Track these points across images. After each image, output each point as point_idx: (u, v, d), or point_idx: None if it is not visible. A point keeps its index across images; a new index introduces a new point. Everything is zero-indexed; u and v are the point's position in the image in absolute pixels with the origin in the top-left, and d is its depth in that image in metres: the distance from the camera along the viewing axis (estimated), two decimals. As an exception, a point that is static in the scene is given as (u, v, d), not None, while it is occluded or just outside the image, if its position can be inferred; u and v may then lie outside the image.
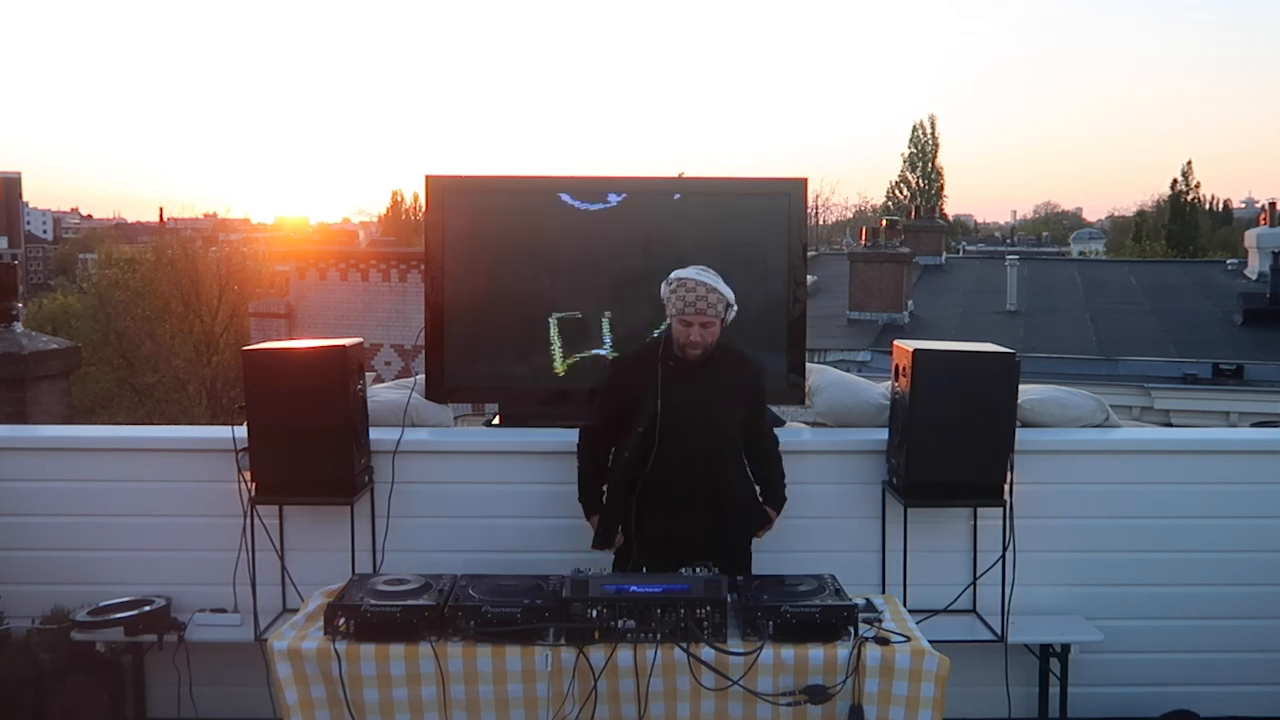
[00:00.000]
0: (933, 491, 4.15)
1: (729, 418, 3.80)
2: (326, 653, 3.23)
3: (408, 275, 18.06)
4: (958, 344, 4.40)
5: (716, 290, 3.70)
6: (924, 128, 59.97)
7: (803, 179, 4.73)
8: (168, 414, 26.15)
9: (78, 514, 4.42)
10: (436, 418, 4.72)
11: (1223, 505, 4.48)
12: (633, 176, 4.82)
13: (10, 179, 67.92)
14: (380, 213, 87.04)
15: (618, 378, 3.94)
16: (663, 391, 3.68)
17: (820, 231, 52.60)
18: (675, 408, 3.69)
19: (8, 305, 6.63)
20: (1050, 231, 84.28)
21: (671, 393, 3.69)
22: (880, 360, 14.86)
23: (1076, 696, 4.38)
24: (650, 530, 3.78)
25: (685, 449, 3.71)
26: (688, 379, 3.74)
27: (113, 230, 77.17)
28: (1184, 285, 20.24)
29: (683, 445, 3.71)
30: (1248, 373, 14.66)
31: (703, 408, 3.73)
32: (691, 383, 3.74)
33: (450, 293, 4.69)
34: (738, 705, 3.24)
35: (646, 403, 3.71)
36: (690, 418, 3.71)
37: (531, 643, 3.24)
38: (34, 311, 31.06)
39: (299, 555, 4.34)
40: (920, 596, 4.34)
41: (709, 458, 3.76)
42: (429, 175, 4.69)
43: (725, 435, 3.80)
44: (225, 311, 29.23)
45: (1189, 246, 51.98)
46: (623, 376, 3.91)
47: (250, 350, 4.14)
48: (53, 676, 4.07)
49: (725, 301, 3.72)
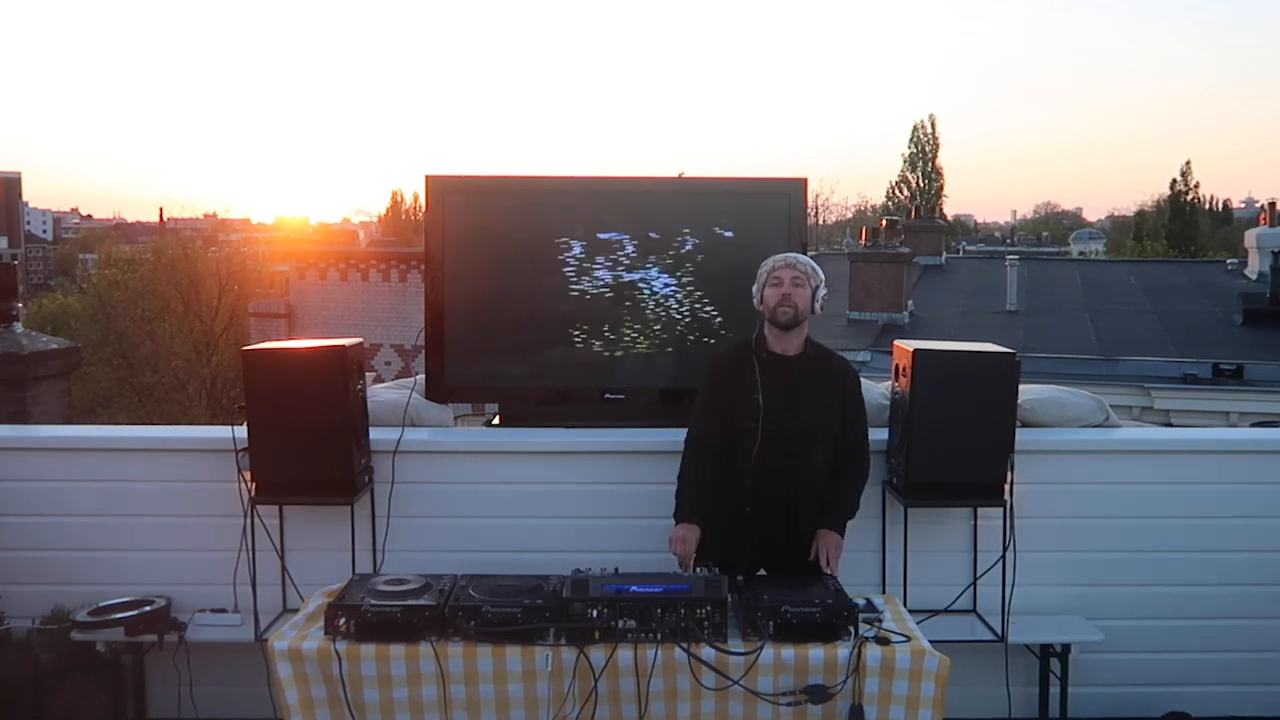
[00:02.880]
0: (933, 491, 4.15)
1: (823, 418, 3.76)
2: (327, 653, 3.23)
3: (408, 275, 18.05)
4: (958, 344, 4.40)
5: (799, 256, 3.81)
6: (924, 128, 60.05)
7: (803, 179, 4.74)
8: (168, 414, 26.16)
9: (78, 514, 4.42)
10: (436, 418, 4.72)
11: (1223, 505, 4.48)
12: (633, 176, 4.83)
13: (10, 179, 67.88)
14: (380, 213, 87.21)
15: (716, 375, 3.84)
16: (762, 385, 3.68)
17: (820, 231, 52.63)
18: (772, 402, 3.68)
19: (8, 305, 6.63)
20: (1050, 231, 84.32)
21: (772, 388, 3.70)
22: (880, 360, 14.84)
23: (1076, 696, 4.37)
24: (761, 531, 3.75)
25: (780, 446, 3.69)
26: (788, 374, 3.74)
27: (113, 230, 77.22)
28: (1184, 285, 20.24)
29: (778, 442, 3.69)
30: (1248, 373, 14.67)
31: (795, 404, 3.71)
32: (791, 378, 3.73)
33: (450, 293, 4.70)
34: (738, 705, 3.24)
35: (745, 397, 3.69)
36: (786, 413, 3.69)
37: (532, 643, 3.24)
38: (34, 311, 31.05)
39: (299, 555, 4.34)
40: (920, 596, 4.34)
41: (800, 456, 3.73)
42: (429, 175, 4.69)
43: (817, 435, 3.75)
44: (225, 311, 29.23)
45: (1189, 246, 52.00)
46: (719, 374, 3.83)
47: (250, 350, 4.14)
48: (53, 676, 4.07)
49: (814, 267, 3.78)
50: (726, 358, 3.89)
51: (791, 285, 3.74)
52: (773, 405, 3.68)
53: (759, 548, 3.75)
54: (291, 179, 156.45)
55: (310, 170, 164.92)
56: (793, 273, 3.75)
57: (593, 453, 4.44)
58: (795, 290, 3.73)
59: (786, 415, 3.69)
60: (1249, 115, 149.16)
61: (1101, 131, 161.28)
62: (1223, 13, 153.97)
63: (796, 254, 3.88)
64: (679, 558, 3.54)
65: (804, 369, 3.76)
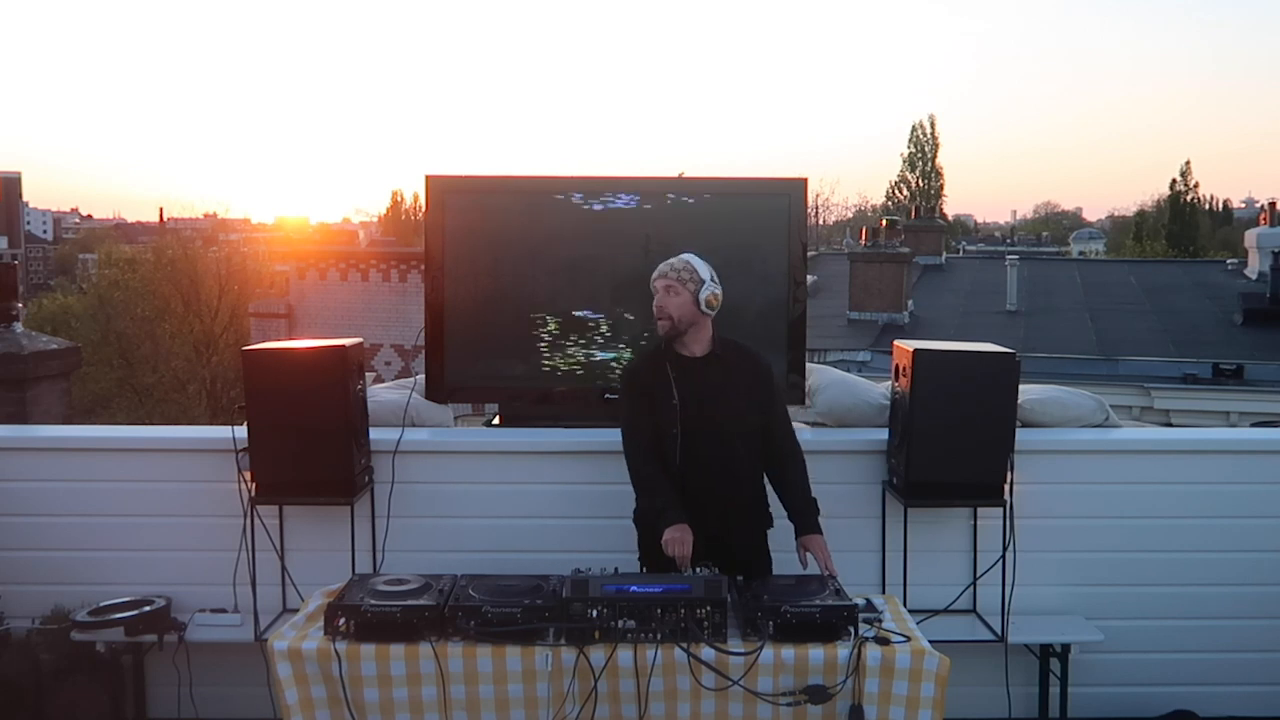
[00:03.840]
0: (933, 491, 4.15)
1: (741, 414, 3.75)
2: (327, 653, 3.23)
3: (408, 275, 18.06)
4: (958, 344, 4.40)
5: (682, 259, 3.74)
6: (924, 128, 60.08)
7: (803, 179, 4.74)
8: (167, 414, 26.18)
9: (78, 514, 4.42)
10: (436, 418, 4.72)
11: (1223, 505, 4.49)
12: (632, 176, 4.83)
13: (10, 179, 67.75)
14: (380, 213, 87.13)
15: (631, 383, 3.86)
16: (676, 388, 3.68)
17: (820, 231, 52.63)
18: (689, 404, 3.68)
19: (8, 305, 6.64)
20: (1050, 231, 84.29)
21: (687, 389, 3.69)
22: (880, 360, 14.85)
23: (1076, 696, 4.38)
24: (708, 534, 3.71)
25: (703, 446, 3.70)
26: (701, 374, 3.73)
27: (113, 230, 77.14)
28: (1184, 285, 20.24)
29: (701, 442, 3.70)
30: (1248, 373, 14.67)
31: (712, 404, 3.71)
32: (704, 378, 3.73)
33: (450, 293, 4.70)
34: (738, 705, 3.24)
35: (663, 402, 3.70)
36: (703, 414, 3.69)
37: (531, 643, 3.24)
38: (34, 311, 31.03)
39: (299, 555, 4.34)
40: (920, 596, 4.34)
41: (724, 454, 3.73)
42: (429, 175, 4.69)
43: (737, 432, 3.74)
44: (225, 311, 29.25)
45: (1189, 246, 52.01)
46: (634, 381, 3.84)
47: (250, 350, 4.14)
48: (53, 676, 4.07)
49: (689, 269, 3.70)
50: (641, 364, 3.88)
51: (664, 294, 3.71)
52: (689, 406, 3.68)
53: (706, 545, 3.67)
54: (291, 179, 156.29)
55: (310, 170, 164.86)
56: (664, 281, 3.71)
57: (592, 453, 4.44)
58: (667, 299, 3.70)
59: (704, 415, 3.69)
60: (1249, 115, 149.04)
61: (1101, 131, 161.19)
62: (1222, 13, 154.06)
63: (674, 259, 3.75)
64: (678, 559, 3.53)
65: (714, 367, 3.75)
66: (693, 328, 3.73)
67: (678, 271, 3.72)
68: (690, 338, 3.75)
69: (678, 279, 3.71)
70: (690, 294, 3.69)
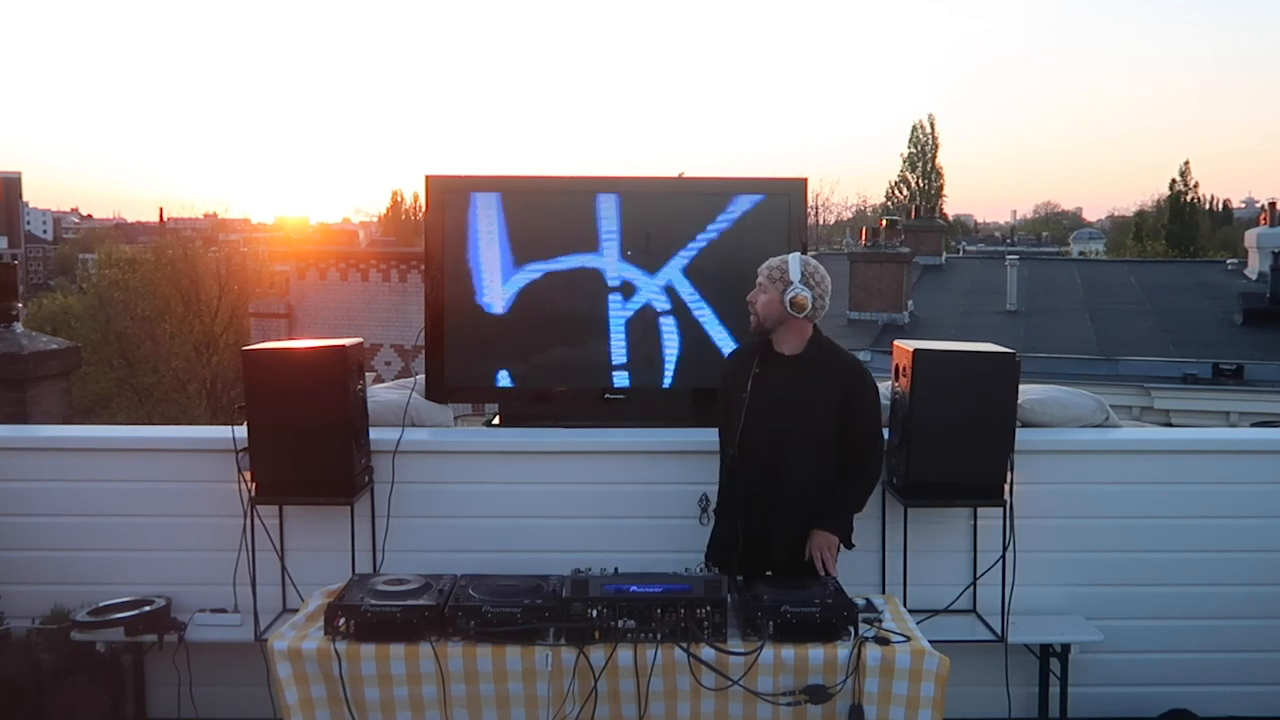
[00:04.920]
0: (933, 491, 4.15)
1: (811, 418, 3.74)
2: (327, 653, 3.23)
3: (408, 275, 18.05)
4: (958, 344, 4.39)
5: (781, 258, 3.77)
6: (924, 128, 60.10)
7: (803, 179, 4.74)
8: (168, 414, 26.17)
9: (78, 514, 4.42)
10: (436, 418, 4.72)
11: (1223, 505, 4.48)
12: (632, 176, 4.83)
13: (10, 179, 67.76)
14: (380, 213, 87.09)
15: (725, 370, 3.96)
16: (753, 380, 3.72)
17: (820, 231, 52.61)
18: (760, 397, 3.71)
19: (8, 305, 6.64)
20: (1050, 231, 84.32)
21: (760, 383, 3.73)
22: (880, 360, 14.82)
23: (1076, 696, 4.38)
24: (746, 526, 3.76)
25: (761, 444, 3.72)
26: (782, 370, 3.75)
27: (113, 230, 77.13)
28: (1184, 285, 20.24)
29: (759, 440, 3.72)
30: (1248, 373, 14.67)
31: (782, 404, 3.72)
32: (783, 375, 3.75)
33: (450, 293, 4.69)
34: (738, 705, 3.24)
35: (736, 394, 3.76)
36: (769, 412, 3.71)
37: (531, 643, 3.24)
38: (34, 311, 31.04)
39: (299, 555, 4.34)
40: (920, 596, 4.34)
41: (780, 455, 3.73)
42: (429, 175, 4.69)
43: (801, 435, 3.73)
44: (225, 311, 29.25)
45: (1189, 246, 52.00)
46: (727, 369, 3.95)
47: (250, 350, 4.14)
48: (53, 676, 4.07)
49: (781, 268, 3.73)
50: (736, 353, 3.99)
51: (756, 290, 3.79)
52: (757, 403, 3.71)
53: (746, 544, 3.73)
54: (291, 179, 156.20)
55: (310, 170, 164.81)
56: (760, 278, 3.79)
57: (593, 453, 4.45)
58: (756, 296, 3.78)
59: (769, 413, 3.71)
60: (1249, 115, 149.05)
61: (1101, 131, 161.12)
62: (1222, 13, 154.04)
63: (776, 258, 3.81)
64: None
65: (799, 368, 3.76)
66: (782, 326, 3.75)
67: (770, 269, 3.76)
68: (781, 335, 3.77)
69: (768, 277, 3.75)
70: (777, 293, 3.71)
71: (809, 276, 3.72)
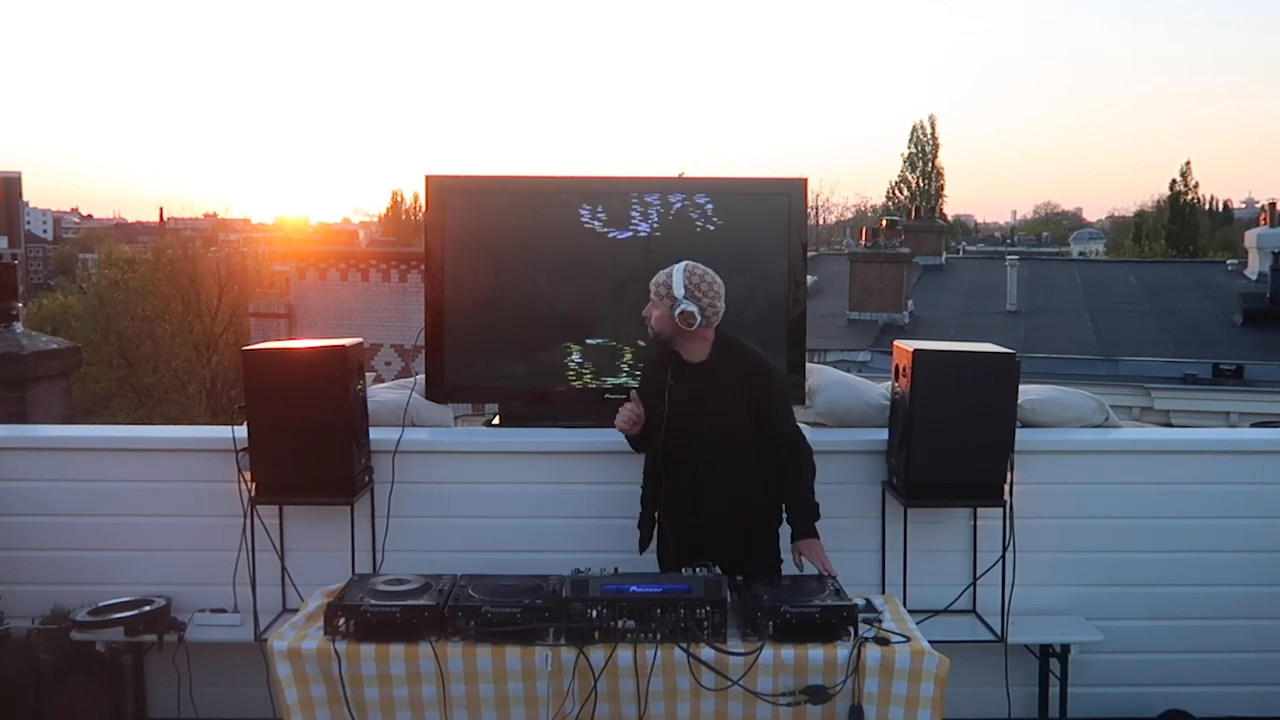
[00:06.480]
0: (933, 491, 4.15)
1: (728, 420, 3.76)
2: (326, 653, 3.23)
3: (408, 275, 18.05)
4: (958, 344, 4.40)
5: (664, 273, 3.76)
6: (924, 128, 60.03)
7: (803, 179, 4.74)
8: (168, 414, 26.17)
9: (78, 514, 4.42)
10: (436, 418, 4.72)
11: (1223, 505, 4.49)
12: (632, 176, 4.83)
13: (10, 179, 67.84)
14: (380, 213, 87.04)
15: (641, 379, 4.03)
16: (669, 393, 3.75)
17: (820, 231, 52.59)
18: (677, 408, 3.74)
19: (8, 305, 6.64)
20: (1050, 231, 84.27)
21: (676, 394, 3.75)
22: (880, 360, 14.86)
23: (1076, 696, 4.38)
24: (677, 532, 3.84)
25: (683, 450, 3.76)
26: (692, 379, 3.77)
27: (113, 230, 77.09)
28: (1184, 285, 20.24)
29: (685, 447, 3.75)
30: (1248, 373, 14.67)
31: (697, 408, 3.74)
32: (694, 382, 3.76)
33: (450, 293, 4.70)
34: (738, 705, 3.24)
35: (655, 403, 3.79)
36: (686, 417, 3.74)
37: (531, 643, 3.24)
38: (34, 311, 31.04)
39: (299, 555, 4.35)
40: (920, 596, 4.34)
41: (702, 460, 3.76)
42: (429, 175, 4.69)
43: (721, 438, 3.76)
44: (225, 311, 29.25)
45: (1189, 246, 51.99)
46: (643, 378, 4.00)
47: (250, 350, 4.14)
48: (53, 676, 4.08)
49: (665, 286, 3.72)
50: (649, 363, 3.99)
51: (650, 306, 3.80)
52: (675, 406, 3.75)
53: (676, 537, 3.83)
54: (291, 179, 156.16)
55: (310, 170, 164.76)
56: (652, 292, 3.78)
57: (593, 453, 4.44)
58: (650, 310, 3.79)
59: (687, 418, 3.74)
60: (1249, 115, 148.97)
61: (1101, 131, 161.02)
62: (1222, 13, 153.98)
63: (662, 272, 3.77)
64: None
65: (706, 372, 3.77)
66: (680, 337, 3.76)
67: (657, 286, 3.77)
68: (683, 346, 3.79)
69: (656, 293, 3.76)
70: (666, 309, 3.72)
71: (693, 289, 3.69)
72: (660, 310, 3.74)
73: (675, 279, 3.71)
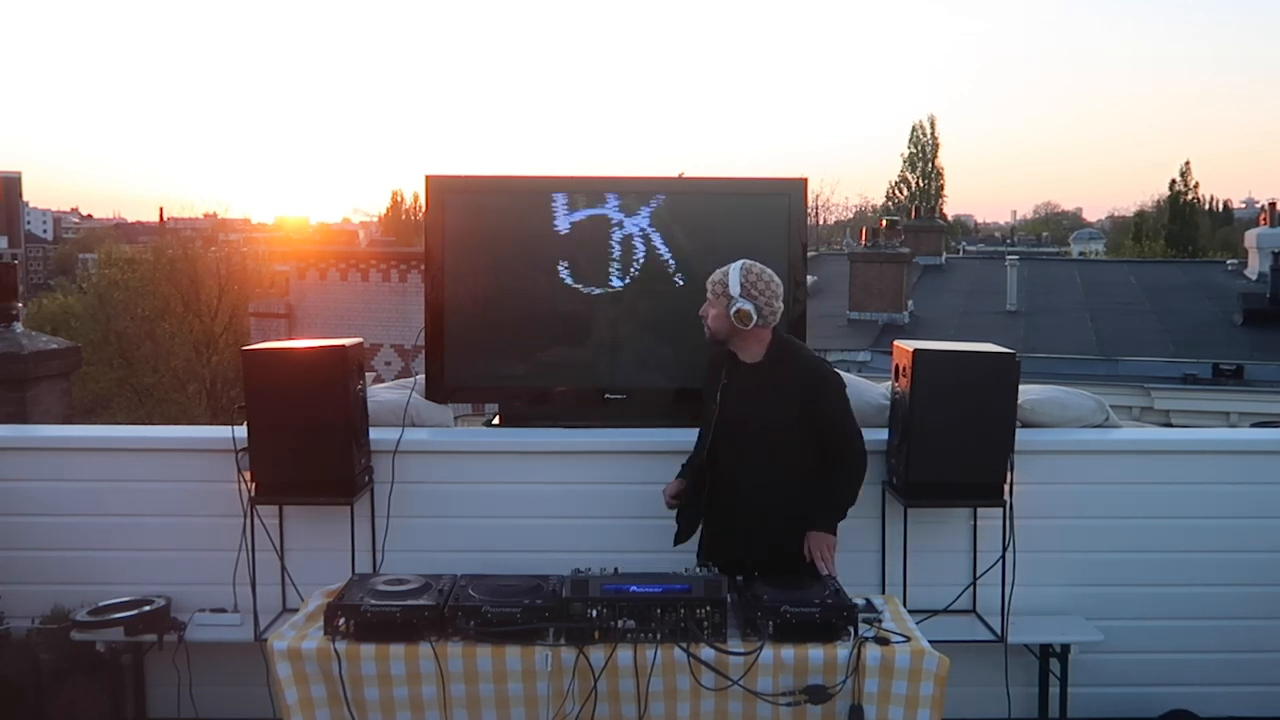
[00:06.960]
0: (933, 491, 4.15)
1: (776, 423, 3.73)
2: (326, 652, 3.23)
3: (408, 275, 18.05)
4: (958, 344, 4.40)
5: (722, 271, 3.75)
6: (924, 128, 60.03)
7: (803, 179, 4.74)
8: (167, 414, 26.17)
9: (78, 514, 4.42)
10: (436, 418, 4.72)
11: (1223, 505, 4.48)
12: (632, 176, 4.83)
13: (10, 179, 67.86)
14: (380, 213, 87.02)
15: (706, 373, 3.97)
16: (722, 393, 3.77)
17: (820, 231, 52.57)
18: (728, 408, 3.76)
19: (8, 305, 6.64)
20: (1050, 231, 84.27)
21: (728, 394, 3.76)
22: (880, 360, 14.84)
23: (1076, 696, 4.38)
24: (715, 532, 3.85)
25: (728, 449, 3.76)
26: (745, 380, 3.77)
27: (113, 230, 77.07)
28: (1184, 285, 20.24)
29: (726, 445, 3.75)
30: (1248, 373, 14.66)
31: (746, 411, 3.74)
32: (746, 383, 3.76)
33: (450, 293, 4.69)
34: (738, 705, 3.24)
35: (709, 400, 3.82)
36: (735, 419, 3.74)
37: (531, 643, 3.24)
38: (34, 311, 31.04)
39: (299, 555, 4.34)
40: (920, 596, 4.34)
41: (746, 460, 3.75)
42: (429, 175, 4.69)
43: (766, 442, 3.74)
44: (225, 311, 29.25)
45: (1189, 246, 52.00)
46: (706, 375, 3.96)
47: (250, 350, 4.14)
48: (53, 676, 4.07)
49: (722, 284, 3.71)
50: (712, 358, 3.96)
51: (706, 305, 3.78)
52: (726, 406, 3.76)
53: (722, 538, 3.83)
54: (291, 179, 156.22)
55: (310, 170, 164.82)
56: (709, 290, 3.77)
57: (593, 453, 4.45)
58: (707, 308, 3.77)
59: (735, 416, 3.75)
60: (1249, 115, 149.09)
61: (1101, 131, 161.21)
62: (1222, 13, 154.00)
63: (720, 270, 3.76)
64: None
65: (759, 373, 3.77)
66: (735, 337, 3.74)
67: (714, 284, 3.74)
68: (738, 345, 3.77)
69: (713, 291, 3.74)
70: (722, 308, 3.71)
71: (750, 288, 3.67)
72: (716, 309, 3.72)
73: (731, 277, 3.69)
